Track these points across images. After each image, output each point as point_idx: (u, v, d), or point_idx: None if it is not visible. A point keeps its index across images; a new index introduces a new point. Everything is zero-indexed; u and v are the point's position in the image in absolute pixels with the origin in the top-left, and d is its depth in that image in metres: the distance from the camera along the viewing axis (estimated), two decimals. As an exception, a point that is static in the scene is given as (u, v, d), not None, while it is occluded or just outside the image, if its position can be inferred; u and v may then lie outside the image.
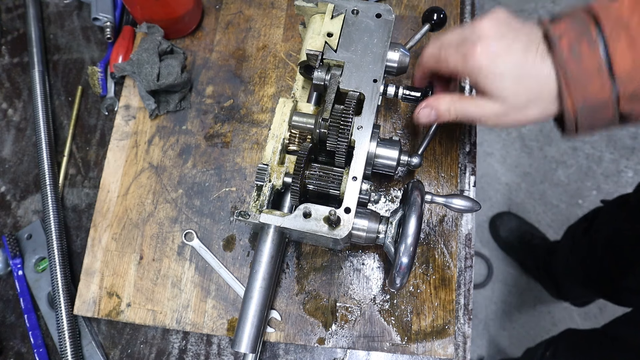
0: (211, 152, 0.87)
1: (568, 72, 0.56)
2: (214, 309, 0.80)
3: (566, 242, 1.69)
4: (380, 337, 0.77)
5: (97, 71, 0.92)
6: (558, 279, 1.82)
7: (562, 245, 1.74)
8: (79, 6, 1.02)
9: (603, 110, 0.57)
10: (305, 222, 0.65)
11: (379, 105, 0.71)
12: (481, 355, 1.97)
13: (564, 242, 1.73)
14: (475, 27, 0.61)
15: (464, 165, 0.84)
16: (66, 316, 0.79)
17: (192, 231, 0.83)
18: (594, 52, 0.55)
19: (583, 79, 0.56)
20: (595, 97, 0.56)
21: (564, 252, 1.68)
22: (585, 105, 0.57)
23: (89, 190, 0.90)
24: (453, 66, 0.63)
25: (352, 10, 0.74)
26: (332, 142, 0.68)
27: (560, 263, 1.73)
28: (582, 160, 2.15)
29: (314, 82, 0.73)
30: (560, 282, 1.83)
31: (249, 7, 0.95)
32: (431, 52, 0.67)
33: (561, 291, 1.87)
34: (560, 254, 1.74)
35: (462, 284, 0.80)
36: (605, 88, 0.55)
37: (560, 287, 1.85)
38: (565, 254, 1.65)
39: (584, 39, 0.55)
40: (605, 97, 0.56)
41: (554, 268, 1.81)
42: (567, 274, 1.68)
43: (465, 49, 0.61)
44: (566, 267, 1.66)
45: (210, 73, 0.92)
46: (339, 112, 0.68)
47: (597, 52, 0.55)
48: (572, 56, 0.56)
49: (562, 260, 1.71)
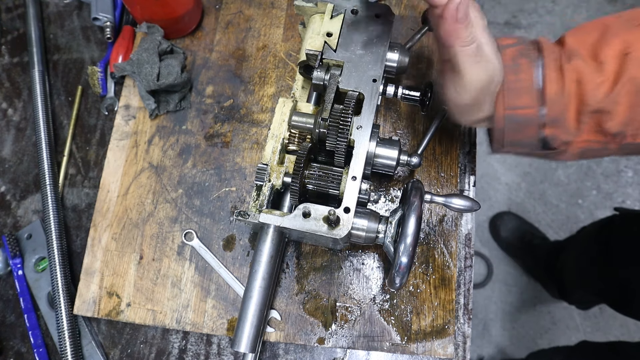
0: (211, 152, 0.88)
1: (505, 80, 0.61)
2: (213, 308, 0.80)
3: (577, 247, 1.67)
4: (380, 336, 0.77)
5: (97, 71, 0.92)
6: (565, 283, 1.80)
7: (571, 250, 1.72)
8: (79, 6, 1.02)
9: (527, 128, 0.63)
10: (305, 222, 0.65)
11: (378, 105, 0.72)
12: (481, 355, 1.97)
13: (573, 247, 1.71)
14: None
15: (464, 165, 0.84)
16: (66, 316, 0.79)
17: (192, 231, 0.83)
18: (531, 69, 0.61)
19: (517, 90, 0.61)
20: (523, 112, 0.62)
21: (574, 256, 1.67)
22: (513, 118, 0.62)
23: (89, 190, 0.90)
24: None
25: (351, 10, 0.74)
26: (331, 142, 0.68)
27: (569, 268, 1.71)
28: (582, 160, 2.15)
29: (314, 82, 0.73)
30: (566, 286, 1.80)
31: (249, 7, 0.96)
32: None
33: (566, 294, 1.85)
34: (569, 259, 1.72)
35: (462, 284, 0.80)
36: (534, 106, 0.61)
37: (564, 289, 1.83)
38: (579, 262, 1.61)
39: (525, 56, 0.62)
40: (531, 115, 0.61)
41: (561, 271, 1.79)
42: (579, 281, 1.65)
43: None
44: (579, 274, 1.63)
45: (210, 73, 0.92)
46: (339, 111, 0.68)
47: (534, 70, 0.61)
48: (512, 65, 0.61)
49: (571, 265, 1.68)
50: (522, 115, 0.62)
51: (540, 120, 0.61)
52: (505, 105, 0.62)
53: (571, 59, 0.60)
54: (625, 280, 1.30)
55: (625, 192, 2.10)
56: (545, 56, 0.61)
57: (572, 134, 0.62)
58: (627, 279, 1.29)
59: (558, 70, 0.60)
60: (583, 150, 0.63)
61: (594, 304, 1.82)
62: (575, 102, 0.60)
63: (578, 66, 0.59)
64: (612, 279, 1.37)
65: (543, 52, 0.61)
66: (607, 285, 1.41)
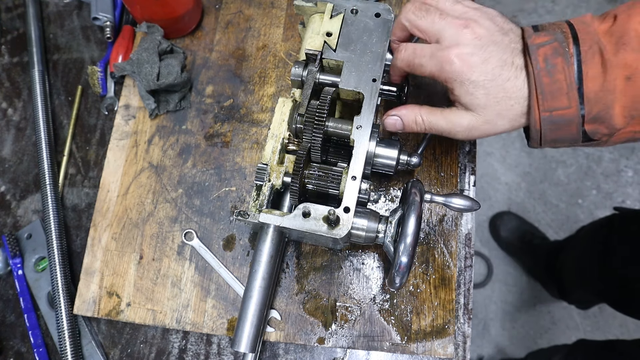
0: (211, 152, 0.88)
1: (539, 84, 0.57)
2: (213, 308, 0.80)
3: (576, 247, 1.67)
4: (380, 336, 0.77)
5: (97, 71, 0.92)
6: (565, 283, 1.80)
7: (570, 250, 1.72)
8: (79, 6, 1.02)
9: (567, 127, 0.59)
10: (305, 222, 0.65)
11: (378, 105, 0.71)
12: (481, 355, 1.97)
13: (573, 247, 1.70)
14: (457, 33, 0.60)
15: (464, 165, 0.84)
16: (66, 316, 0.79)
17: (192, 231, 0.83)
18: (567, 68, 0.56)
19: (553, 93, 0.57)
20: (562, 114, 0.57)
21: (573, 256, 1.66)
22: (551, 120, 0.58)
23: (89, 190, 0.90)
24: (429, 72, 0.63)
25: (351, 9, 0.74)
26: (307, 137, 0.68)
27: (568, 268, 1.71)
28: (582, 159, 2.15)
29: (291, 79, 0.73)
30: (566, 286, 1.80)
31: (249, 7, 0.96)
32: (404, 58, 0.66)
33: (566, 294, 1.85)
34: (568, 258, 1.72)
35: (462, 284, 0.80)
36: (573, 106, 0.57)
37: (564, 289, 1.83)
38: (579, 262, 1.61)
39: (560, 54, 0.56)
40: (571, 115, 0.57)
41: (561, 271, 1.79)
42: (579, 281, 1.65)
43: (441, 55, 0.60)
44: (579, 274, 1.63)
45: (210, 73, 0.92)
46: (314, 107, 0.68)
47: (571, 70, 0.56)
48: (546, 67, 0.57)
49: (572, 267, 1.68)
50: (560, 116, 0.58)
51: (581, 119, 0.57)
52: (541, 108, 0.58)
53: (620, 49, 0.53)
54: (625, 280, 1.30)
55: (625, 192, 2.11)
56: (583, 51, 0.55)
57: (617, 128, 0.57)
58: (627, 278, 1.29)
59: (600, 66, 0.54)
60: (628, 139, 0.60)
61: (594, 303, 1.82)
62: (623, 99, 0.55)
63: (628, 60, 0.53)
64: (611, 279, 1.37)
65: (580, 45, 0.56)
66: (606, 285, 1.41)
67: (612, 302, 1.43)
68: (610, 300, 1.44)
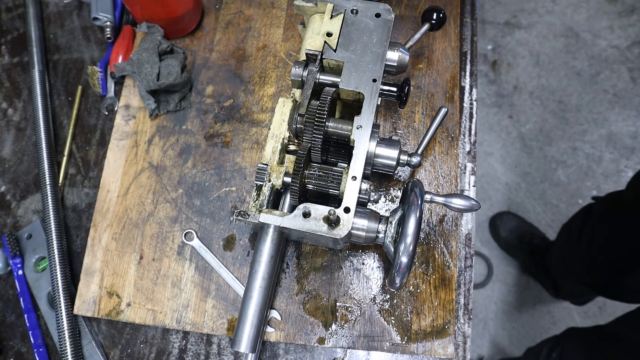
0: (211, 152, 0.88)
1: None
2: (214, 308, 0.80)
3: (561, 240, 1.69)
4: (380, 336, 0.77)
5: (97, 71, 0.92)
6: (556, 278, 1.83)
7: (557, 244, 1.75)
8: (79, 6, 1.02)
9: None
10: (305, 222, 0.65)
11: (378, 105, 0.71)
12: (481, 355, 1.97)
13: (558, 241, 1.73)
14: None
15: (464, 165, 0.84)
16: (66, 316, 0.79)
17: (192, 231, 0.83)
18: None
19: None
20: None
21: (560, 250, 1.69)
22: None
23: (89, 190, 0.90)
24: None
25: (351, 9, 0.74)
26: (307, 138, 0.68)
27: (556, 262, 1.74)
28: (582, 160, 2.15)
29: (291, 79, 0.73)
30: (558, 281, 1.83)
31: (249, 7, 0.96)
32: None
33: (559, 290, 1.88)
34: (555, 253, 1.75)
35: (462, 284, 0.80)
36: None
37: (558, 286, 1.85)
38: (562, 253, 1.65)
39: None
40: None
41: (551, 267, 1.82)
42: (565, 272, 1.68)
43: None
44: (563, 265, 1.67)
45: (210, 73, 0.92)
46: (315, 107, 0.68)
47: None
48: None
49: (558, 259, 1.71)
50: None
51: None
52: None
53: None
54: (602, 265, 1.33)
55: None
56: None
57: None
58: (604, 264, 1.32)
59: None
60: None
61: (587, 296, 1.83)
62: None
63: None
64: (593, 265, 1.41)
65: None
66: (589, 272, 1.43)
67: (600, 289, 1.46)
68: (599, 290, 1.47)
